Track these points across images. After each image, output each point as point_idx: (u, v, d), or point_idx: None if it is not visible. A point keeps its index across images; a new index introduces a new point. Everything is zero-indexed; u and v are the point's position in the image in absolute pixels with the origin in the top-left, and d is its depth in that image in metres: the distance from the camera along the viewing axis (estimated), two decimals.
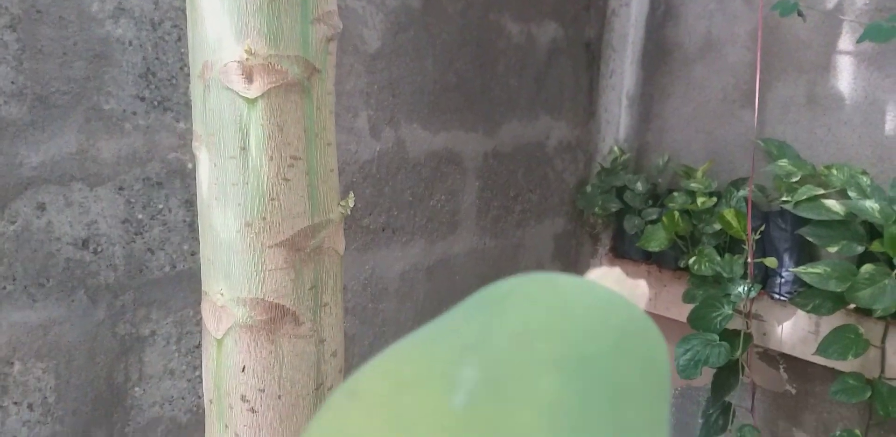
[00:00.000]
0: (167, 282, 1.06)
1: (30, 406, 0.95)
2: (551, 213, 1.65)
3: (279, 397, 0.59)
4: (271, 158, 0.56)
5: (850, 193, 1.24)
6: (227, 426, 0.60)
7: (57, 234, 0.95)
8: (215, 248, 0.60)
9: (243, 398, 0.59)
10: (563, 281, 0.17)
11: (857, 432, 1.20)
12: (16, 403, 0.94)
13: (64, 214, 0.96)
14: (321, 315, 0.61)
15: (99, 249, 1.01)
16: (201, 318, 0.63)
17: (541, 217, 1.63)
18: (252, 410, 0.59)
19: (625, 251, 1.61)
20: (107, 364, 1.03)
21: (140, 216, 1.05)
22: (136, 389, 1.06)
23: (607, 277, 0.30)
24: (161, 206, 1.07)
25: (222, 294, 0.60)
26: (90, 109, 0.96)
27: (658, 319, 1.56)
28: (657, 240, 1.46)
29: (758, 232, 1.27)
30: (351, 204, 0.63)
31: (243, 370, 0.59)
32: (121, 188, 1.03)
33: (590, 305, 0.16)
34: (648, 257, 1.56)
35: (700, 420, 1.27)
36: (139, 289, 1.05)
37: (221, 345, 0.60)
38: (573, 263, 1.72)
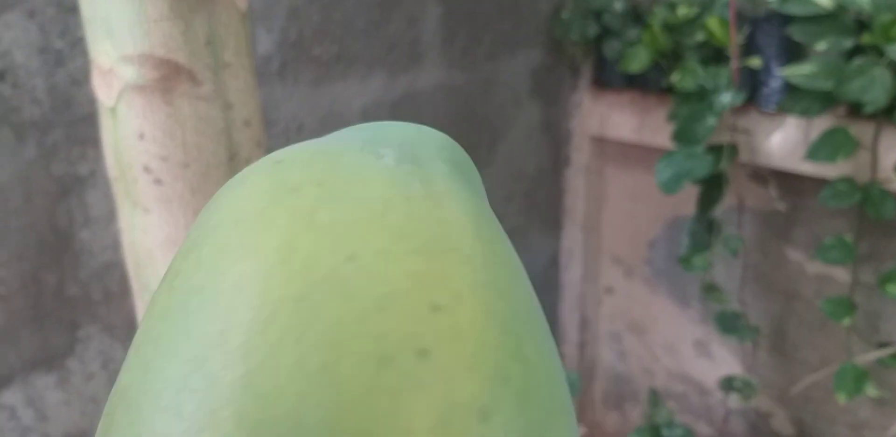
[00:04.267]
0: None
1: None
2: (526, 44, 1.53)
3: (186, 165, 0.52)
4: None
5: None
6: (135, 204, 0.53)
7: None
8: (92, 2, 0.51)
9: (146, 169, 0.52)
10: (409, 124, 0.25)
11: (847, 238, 1.15)
12: None
13: None
14: (224, 77, 0.53)
15: (18, 82, 0.92)
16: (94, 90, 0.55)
17: (514, 49, 1.52)
18: (158, 181, 0.52)
19: (606, 81, 1.51)
20: (46, 207, 0.96)
21: (59, 46, 0.95)
22: (84, 232, 1.00)
23: None
24: (80, 33, 0.96)
25: (108, 55, 0.51)
26: None
27: (642, 149, 1.49)
28: (638, 60, 1.36)
29: (743, 34, 1.17)
30: None
31: (142, 138, 0.51)
32: (31, 14, 0.92)
33: (436, 133, 0.23)
34: (631, 84, 1.47)
35: (686, 239, 1.23)
36: (70, 125, 0.96)
37: (116, 113, 0.52)
38: (553, 100, 1.62)
